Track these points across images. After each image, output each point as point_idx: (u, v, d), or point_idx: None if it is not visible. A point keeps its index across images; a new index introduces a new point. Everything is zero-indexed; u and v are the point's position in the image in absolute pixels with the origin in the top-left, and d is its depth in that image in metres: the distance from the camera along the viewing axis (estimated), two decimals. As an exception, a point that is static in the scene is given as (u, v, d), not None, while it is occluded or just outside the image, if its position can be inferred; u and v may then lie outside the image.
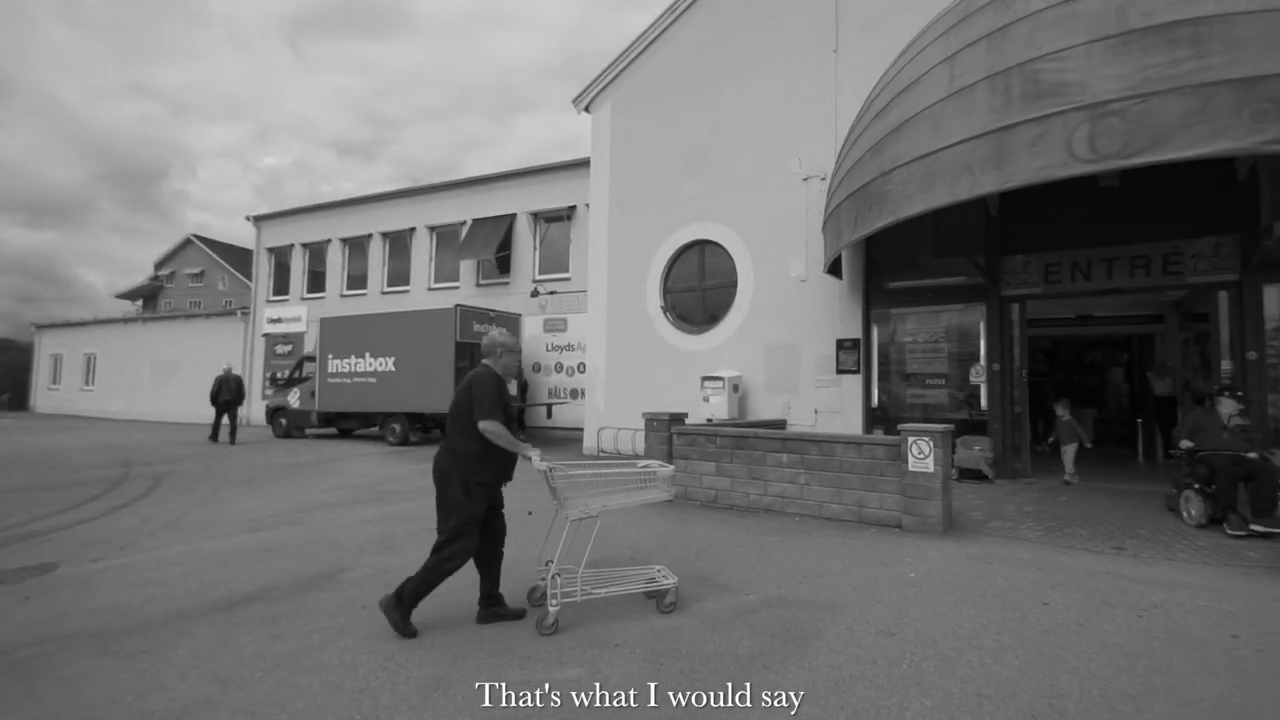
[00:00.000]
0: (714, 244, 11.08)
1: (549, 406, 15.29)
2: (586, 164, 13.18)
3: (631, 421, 10.88)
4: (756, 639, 3.46)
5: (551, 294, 15.89)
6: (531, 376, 15.79)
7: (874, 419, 9.58)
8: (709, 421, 9.24)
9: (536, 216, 16.47)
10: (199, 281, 40.72)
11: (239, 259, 38.07)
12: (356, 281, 19.60)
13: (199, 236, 41.60)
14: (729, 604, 4.01)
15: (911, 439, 5.97)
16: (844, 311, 9.74)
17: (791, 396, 10.08)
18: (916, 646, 3.37)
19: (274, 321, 20.92)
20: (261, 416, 18.44)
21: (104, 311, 35.71)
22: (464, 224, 17.52)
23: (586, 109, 12.65)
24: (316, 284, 20.43)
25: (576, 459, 3.97)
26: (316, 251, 20.49)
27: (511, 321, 14.97)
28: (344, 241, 19.80)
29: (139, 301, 41.56)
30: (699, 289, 11.35)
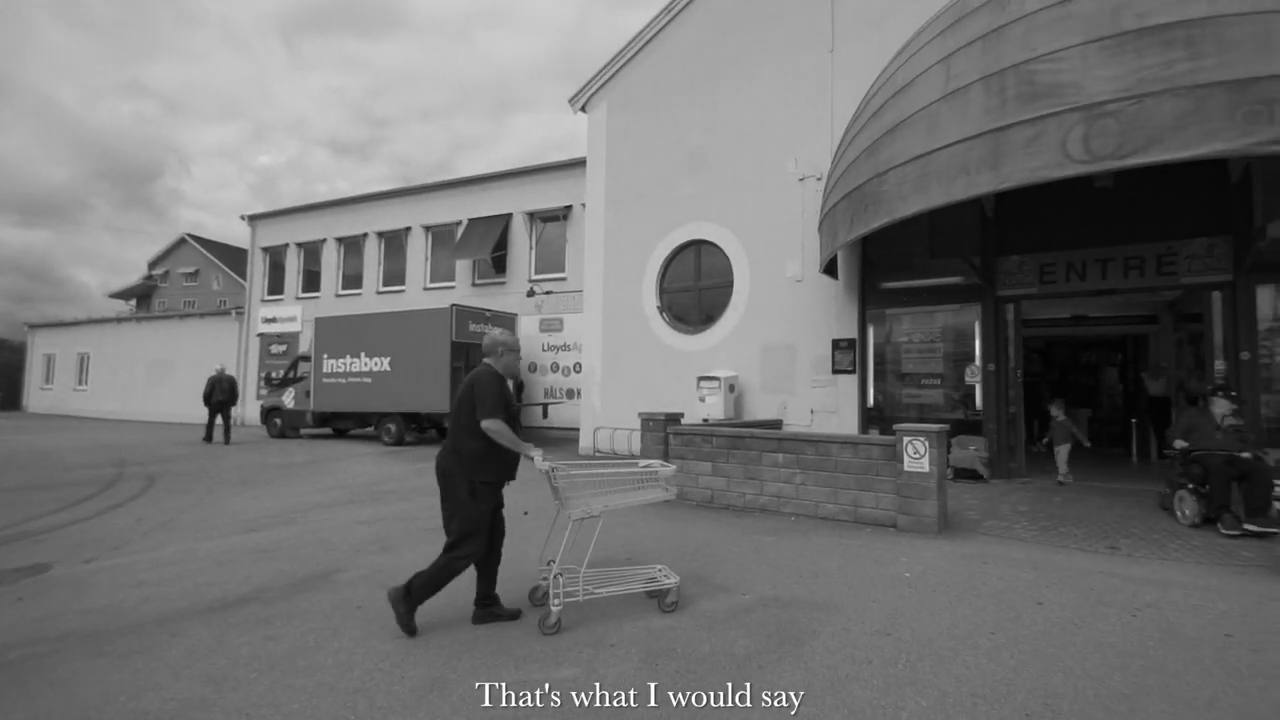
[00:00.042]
0: (710, 244, 11.08)
1: (545, 406, 15.28)
2: (583, 164, 13.17)
3: (628, 421, 10.88)
4: (752, 639, 3.47)
5: (547, 294, 15.88)
6: (527, 376, 15.78)
7: (870, 419, 9.60)
8: (705, 421, 9.24)
9: (532, 216, 16.46)
10: (193, 281, 40.62)
11: (234, 258, 37.98)
12: (352, 281, 19.54)
13: (193, 236, 41.50)
14: (725, 604, 4.01)
15: (907, 439, 5.99)
16: (840, 311, 9.76)
17: (787, 396, 10.09)
18: (912, 646, 3.38)
19: (269, 321, 20.84)
20: (256, 416, 18.38)
21: (97, 311, 35.65)
22: (460, 224, 17.49)
23: (583, 109, 12.65)
24: (311, 283, 20.36)
25: (573, 459, 3.96)
26: (311, 251, 20.43)
27: (507, 321, 14.96)
28: (339, 241, 19.74)
29: (133, 301, 41.42)
30: (695, 289, 11.35)
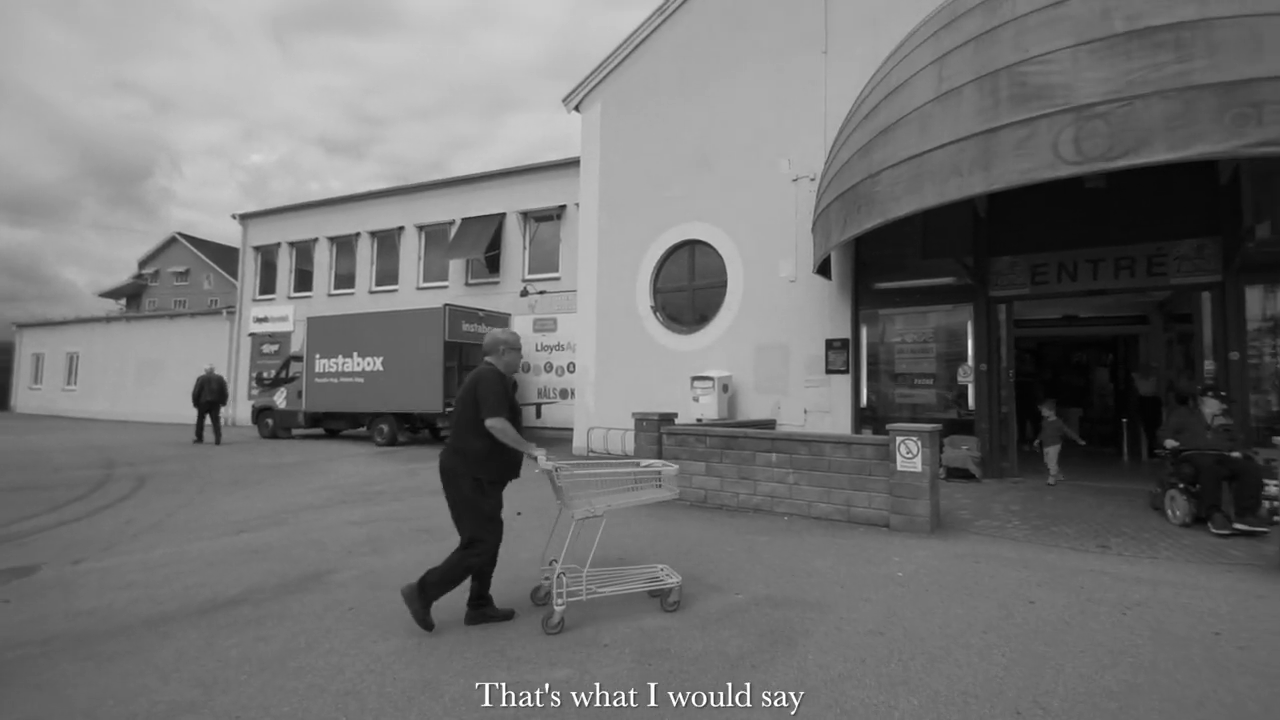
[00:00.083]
0: (704, 244, 11.09)
1: (538, 406, 15.26)
2: (576, 163, 13.15)
3: (621, 421, 10.87)
4: (745, 638, 3.47)
5: (541, 294, 15.86)
6: (521, 376, 15.73)
7: (863, 419, 9.63)
8: (699, 421, 9.25)
9: (526, 216, 16.43)
10: (184, 280, 40.32)
11: (225, 258, 37.70)
12: (344, 281, 19.46)
13: (184, 235, 41.18)
14: (718, 603, 4.02)
15: (899, 439, 6.01)
16: (833, 312, 9.78)
17: (781, 396, 10.11)
18: (904, 645, 3.39)
19: (260, 321, 20.73)
20: (247, 417, 18.28)
21: (87, 310, 35.26)
22: (453, 223, 17.44)
23: (576, 108, 12.63)
24: (304, 283, 20.26)
25: (568, 459, 3.95)
26: (304, 250, 20.32)
27: (501, 321, 14.93)
28: (331, 240, 19.66)
29: (122, 300, 41.07)
30: (689, 289, 11.36)
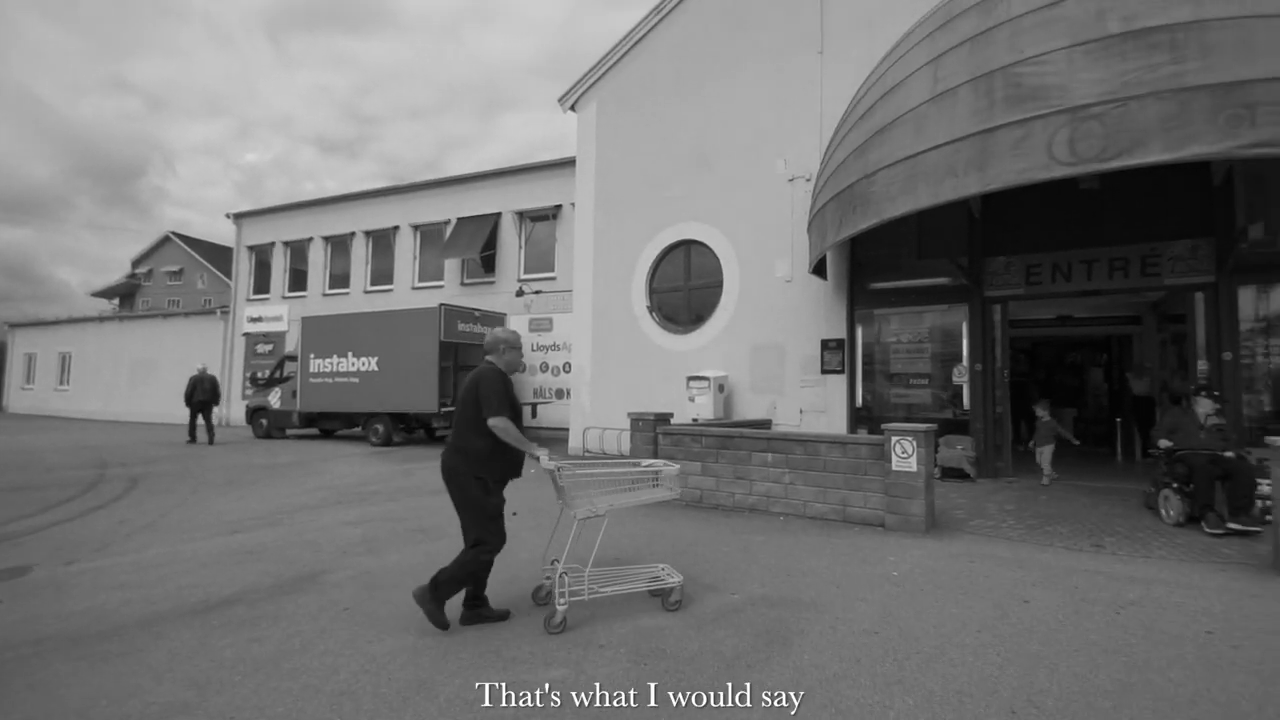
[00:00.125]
0: (700, 244, 11.09)
1: (534, 406, 15.23)
2: (572, 163, 13.14)
3: (617, 421, 10.87)
4: (741, 638, 3.47)
5: (537, 293, 15.84)
6: (517, 376, 15.68)
7: (858, 419, 9.64)
8: (694, 421, 9.25)
9: (522, 215, 16.40)
10: (178, 280, 40.17)
11: (219, 257, 37.60)
12: (339, 280, 19.37)
13: (178, 234, 41.04)
14: (714, 603, 4.02)
15: (895, 438, 6.02)
16: (829, 312, 9.80)
17: (777, 396, 10.12)
18: (899, 644, 3.40)
19: (254, 320, 20.63)
20: (241, 417, 18.20)
21: (79, 310, 35.12)
22: (448, 223, 17.40)
23: (572, 108, 12.62)
24: (298, 282, 20.17)
25: (566, 459, 3.95)
26: (298, 250, 20.23)
27: (496, 321, 14.91)
28: (326, 240, 19.58)
29: (116, 300, 40.88)
30: (685, 289, 11.36)
